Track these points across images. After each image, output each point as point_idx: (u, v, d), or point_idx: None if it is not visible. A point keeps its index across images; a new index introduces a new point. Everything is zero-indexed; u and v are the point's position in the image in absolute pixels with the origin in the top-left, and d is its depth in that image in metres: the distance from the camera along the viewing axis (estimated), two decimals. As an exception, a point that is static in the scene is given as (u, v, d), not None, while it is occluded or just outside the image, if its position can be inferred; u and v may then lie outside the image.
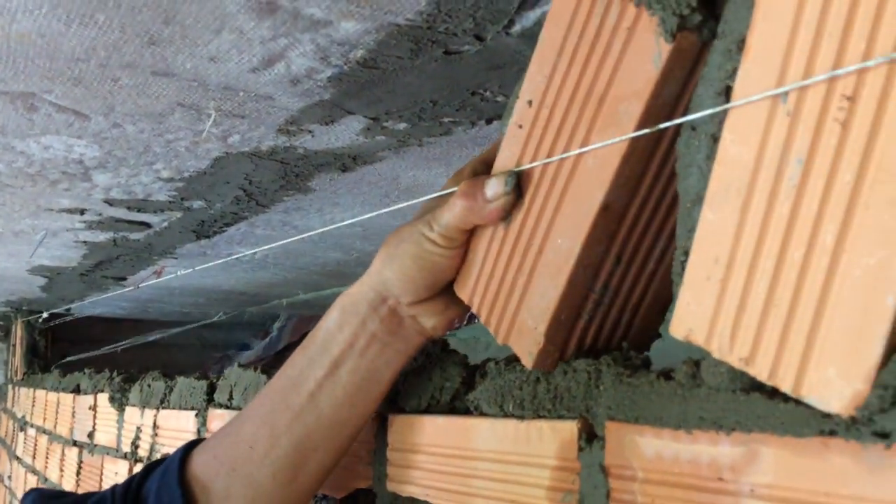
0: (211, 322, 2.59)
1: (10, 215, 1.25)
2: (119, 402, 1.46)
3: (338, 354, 0.58)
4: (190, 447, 0.64)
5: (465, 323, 0.62)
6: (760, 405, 0.36)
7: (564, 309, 0.48)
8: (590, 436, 0.46)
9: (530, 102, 0.50)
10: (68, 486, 1.77)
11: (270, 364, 3.37)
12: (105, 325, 3.21)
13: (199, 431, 1.06)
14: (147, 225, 1.32)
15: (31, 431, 2.34)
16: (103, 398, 1.55)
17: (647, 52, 0.42)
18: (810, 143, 0.34)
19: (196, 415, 1.08)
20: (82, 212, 1.22)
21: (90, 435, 1.63)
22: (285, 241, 0.99)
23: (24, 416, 2.52)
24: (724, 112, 0.38)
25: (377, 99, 0.72)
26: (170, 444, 1.17)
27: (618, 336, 0.52)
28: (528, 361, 0.50)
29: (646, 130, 0.43)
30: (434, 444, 0.59)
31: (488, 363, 0.57)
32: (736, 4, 0.38)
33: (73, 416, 1.80)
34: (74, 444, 1.76)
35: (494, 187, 0.50)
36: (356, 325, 0.58)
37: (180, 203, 1.16)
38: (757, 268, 0.36)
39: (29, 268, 1.85)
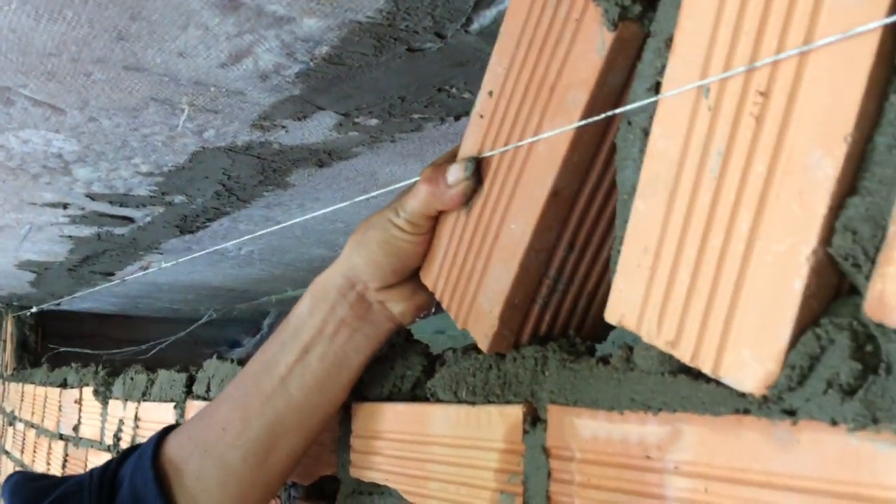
0: (203, 321, 2.60)
1: (-6, 209, 1.26)
2: (103, 396, 1.47)
3: (308, 340, 0.60)
4: (166, 432, 0.65)
5: (433, 312, 0.63)
6: (685, 386, 0.38)
7: (518, 293, 0.50)
8: (534, 419, 0.47)
9: (490, 93, 0.51)
10: (54, 479, 1.78)
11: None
12: (96, 321, 3.22)
13: (177, 422, 1.08)
14: (130, 220, 1.33)
15: (20, 426, 2.35)
16: (88, 392, 1.57)
17: (593, 41, 0.44)
18: (729, 136, 0.36)
19: (175, 406, 1.09)
20: (65, 206, 1.24)
21: (75, 428, 1.64)
22: (260, 233, 1.01)
23: (13, 411, 2.53)
24: (654, 107, 0.40)
25: (346, 95, 0.74)
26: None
27: (574, 323, 0.53)
28: (483, 344, 0.51)
29: (589, 120, 0.44)
30: (394, 430, 0.61)
31: (447, 352, 0.59)
32: (666, 5, 0.40)
33: (60, 409, 1.81)
34: (61, 437, 1.77)
35: (455, 173, 0.52)
36: (325, 310, 0.59)
37: (161, 198, 1.17)
38: (681, 255, 0.38)
39: (17, 263, 1.86)
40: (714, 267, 0.36)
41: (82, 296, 2.28)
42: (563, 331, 0.53)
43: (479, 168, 0.52)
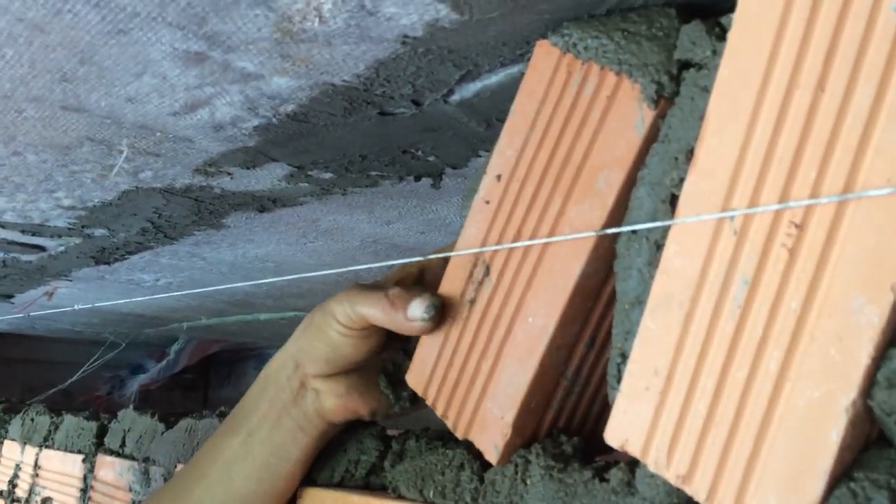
0: (110, 344, 2.46)
1: None
2: (-3, 436, 1.35)
3: (254, 424, 0.57)
4: None
5: (404, 415, 0.60)
6: (695, 524, 0.36)
7: (536, 396, 0.45)
8: (515, 537, 0.44)
9: (499, 177, 0.48)
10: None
11: (167, 387, 3.23)
12: (-14, 340, 3.01)
13: (85, 478, 0.99)
14: (41, 248, 1.24)
15: None
16: (-22, 429, 1.44)
17: (630, 118, 0.41)
18: (756, 265, 0.34)
19: (84, 459, 1.01)
20: (-30, 232, 1.13)
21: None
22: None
23: None
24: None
25: (304, 150, 0.70)
26: (52, 488, 1.09)
27: (587, 430, 0.50)
28: (492, 457, 0.46)
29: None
30: (347, 523, 0.56)
31: (408, 441, 0.55)
32: (683, 111, 0.38)
33: (-56, 444, 1.66)
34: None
35: (416, 310, 0.49)
36: (273, 393, 0.57)
37: (80, 230, 1.09)
38: (698, 384, 0.35)
39: None
40: (737, 402, 0.34)
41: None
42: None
43: (442, 307, 0.49)
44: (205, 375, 3.29)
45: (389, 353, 0.57)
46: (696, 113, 0.37)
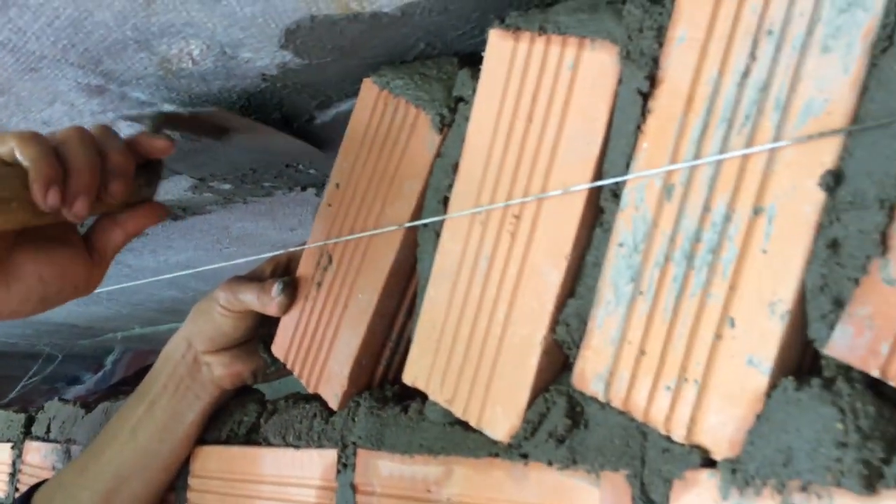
0: (47, 357, 2.50)
1: None
2: (-71, 435, 1.42)
3: (155, 393, 0.69)
4: (37, 486, 0.73)
5: (278, 377, 0.72)
6: (458, 435, 0.49)
7: (365, 354, 0.58)
8: (345, 461, 0.57)
9: (338, 185, 0.61)
10: None
11: (104, 398, 3.26)
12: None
13: (13, 463, 1.09)
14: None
15: None
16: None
17: (425, 141, 0.54)
18: (493, 245, 0.47)
19: (12, 447, 1.10)
20: None
21: None
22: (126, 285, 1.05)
23: None
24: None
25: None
26: (-18, 478, 1.18)
27: None
28: (334, 403, 0.58)
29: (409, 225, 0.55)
30: (228, 471, 0.68)
31: (279, 401, 0.68)
32: (454, 135, 0.52)
33: None
34: None
35: (274, 289, 0.62)
36: (171, 368, 0.69)
37: (9, 239, 1.18)
38: (458, 333, 0.49)
39: None
40: (481, 342, 0.47)
41: None
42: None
43: (292, 286, 0.62)
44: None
45: (266, 328, 0.70)
46: (461, 136, 0.51)
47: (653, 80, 0.40)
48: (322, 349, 0.60)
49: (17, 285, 0.50)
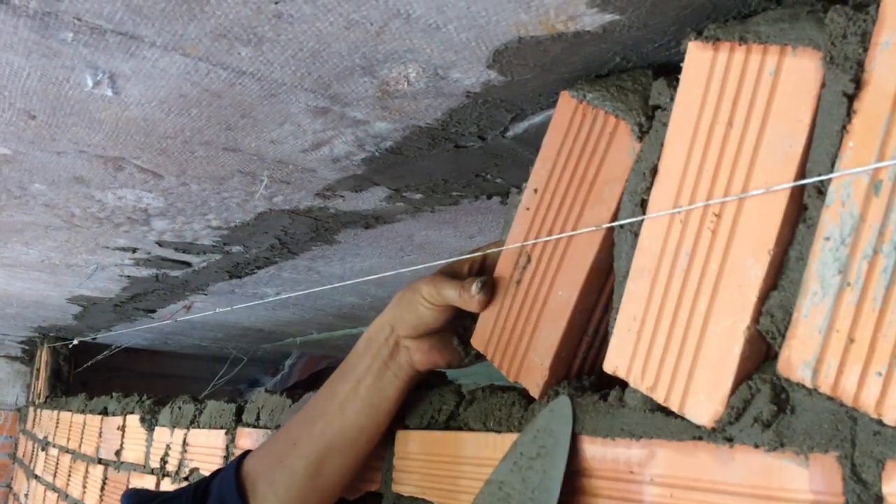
0: (233, 360, 2.74)
1: (70, 250, 1.42)
2: (149, 423, 1.61)
3: (361, 372, 0.76)
4: (245, 454, 0.81)
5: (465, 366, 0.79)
6: (659, 420, 0.52)
7: (564, 348, 0.62)
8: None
9: (536, 190, 0.66)
10: (91, 501, 1.91)
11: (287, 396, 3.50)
12: (123, 354, 3.36)
13: (227, 447, 1.22)
14: (188, 264, 1.49)
15: (53, 451, 2.48)
16: (133, 419, 1.71)
17: (625, 147, 0.59)
18: (693, 242, 0.51)
19: (226, 433, 1.23)
20: (134, 250, 1.40)
21: (117, 453, 1.78)
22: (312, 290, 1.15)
23: (45, 437, 2.67)
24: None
25: (399, 176, 0.90)
26: (199, 460, 1.33)
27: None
28: (535, 392, 0.63)
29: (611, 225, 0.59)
30: (431, 452, 0.75)
31: (477, 391, 0.73)
32: (651, 140, 0.56)
33: (101, 436, 1.95)
34: (99, 461, 1.91)
35: (473, 288, 0.68)
36: (375, 350, 0.76)
37: (222, 247, 1.33)
38: (659, 325, 0.52)
39: (70, 297, 2.02)
40: (682, 334, 0.51)
41: (131, 332, 2.42)
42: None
43: (489, 284, 0.68)
44: (314, 391, 3.54)
45: (461, 321, 0.76)
46: (658, 141, 0.55)
47: (858, 83, 0.43)
48: (522, 342, 0.66)
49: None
